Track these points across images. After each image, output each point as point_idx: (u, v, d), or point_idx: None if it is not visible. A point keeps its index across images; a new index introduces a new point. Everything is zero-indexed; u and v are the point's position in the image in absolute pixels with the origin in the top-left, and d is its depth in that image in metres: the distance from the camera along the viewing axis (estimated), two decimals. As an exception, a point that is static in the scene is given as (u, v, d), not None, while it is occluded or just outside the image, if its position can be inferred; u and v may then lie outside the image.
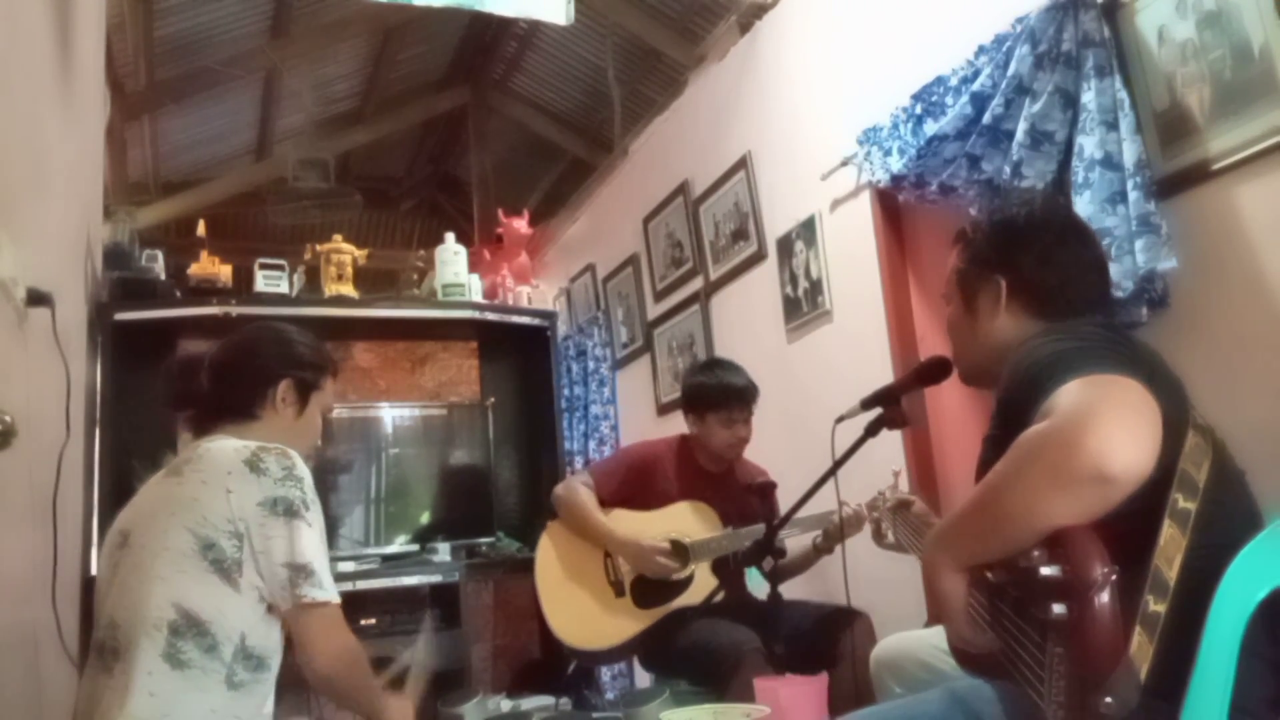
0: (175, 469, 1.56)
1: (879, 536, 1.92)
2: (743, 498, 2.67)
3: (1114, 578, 0.93)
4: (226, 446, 1.55)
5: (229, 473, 1.49)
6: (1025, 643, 1.05)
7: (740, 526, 2.57)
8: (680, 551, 2.55)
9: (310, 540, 1.50)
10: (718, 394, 2.65)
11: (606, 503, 2.65)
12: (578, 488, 2.66)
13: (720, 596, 2.48)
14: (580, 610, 2.56)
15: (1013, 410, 1.13)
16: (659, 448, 2.78)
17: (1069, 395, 1.01)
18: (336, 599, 1.52)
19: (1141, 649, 0.94)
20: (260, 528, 1.47)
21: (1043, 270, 1.33)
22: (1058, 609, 0.96)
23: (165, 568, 1.45)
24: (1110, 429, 0.95)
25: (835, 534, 2.44)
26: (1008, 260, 1.36)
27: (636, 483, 2.67)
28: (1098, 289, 1.35)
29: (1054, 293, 1.32)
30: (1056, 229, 1.35)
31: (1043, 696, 0.98)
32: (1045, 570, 0.98)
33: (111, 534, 1.59)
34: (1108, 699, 0.90)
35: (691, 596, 2.51)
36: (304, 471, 1.55)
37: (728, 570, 2.58)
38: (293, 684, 1.56)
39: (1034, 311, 1.33)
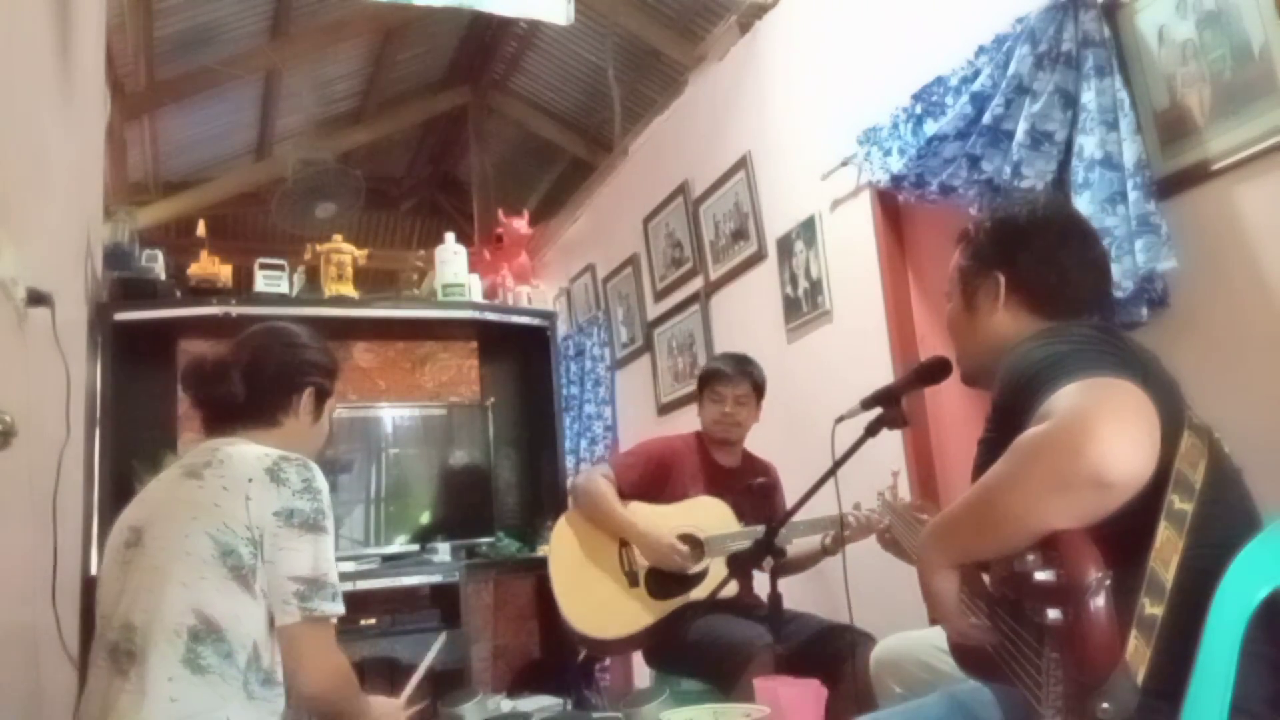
0: (194, 470, 1.54)
1: (884, 539, 1.91)
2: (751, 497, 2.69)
3: (1108, 582, 0.93)
4: (248, 452, 1.54)
5: (250, 480, 1.49)
6: (1022, 647, 1.05)
7: (754, 522, 2.58)
8: (695, 545, 2.56)
9: (323, 553, 1.50)
10: (707, 369, 2.80)
11: (625, 495, 2.66)
12: (597, 478, 2.67)
13: (732, 591, 2.48)
14: (594, 598, 2.57)
15: (1008, 413, 1.12)
16: (677, 443, 2.80)
17: (1067, 398, 1.00)
18: (343, 610, 1.52)
19: (1138, 652, 0.94)
20: (273, 538, 1.47)
21: (1042, 269, 1.32)
22: (1053, 614, 0.96)
23: (185, 572, 1.44)
24: (1110, 434, 0.94)
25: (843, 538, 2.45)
26: (1007, 258, 1.36)
27: (656, 476, 2.69)
28: (1097, 289, 1.35)
29: (1052, 292, 1.32)
30: (1057, 228, 1.35)
31: (1041, 701, 0.98)
32: (1040, 575, 0.98)
33: (120, 529, 1.57)
34: (1105, 704, 0.90)
35: (705, 591, 2.52)
36: (323, 484, 1.55)
37: (739, 567, 2.58)
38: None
39: (1032, 310, 1.33)
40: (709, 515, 2.60)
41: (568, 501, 2.79)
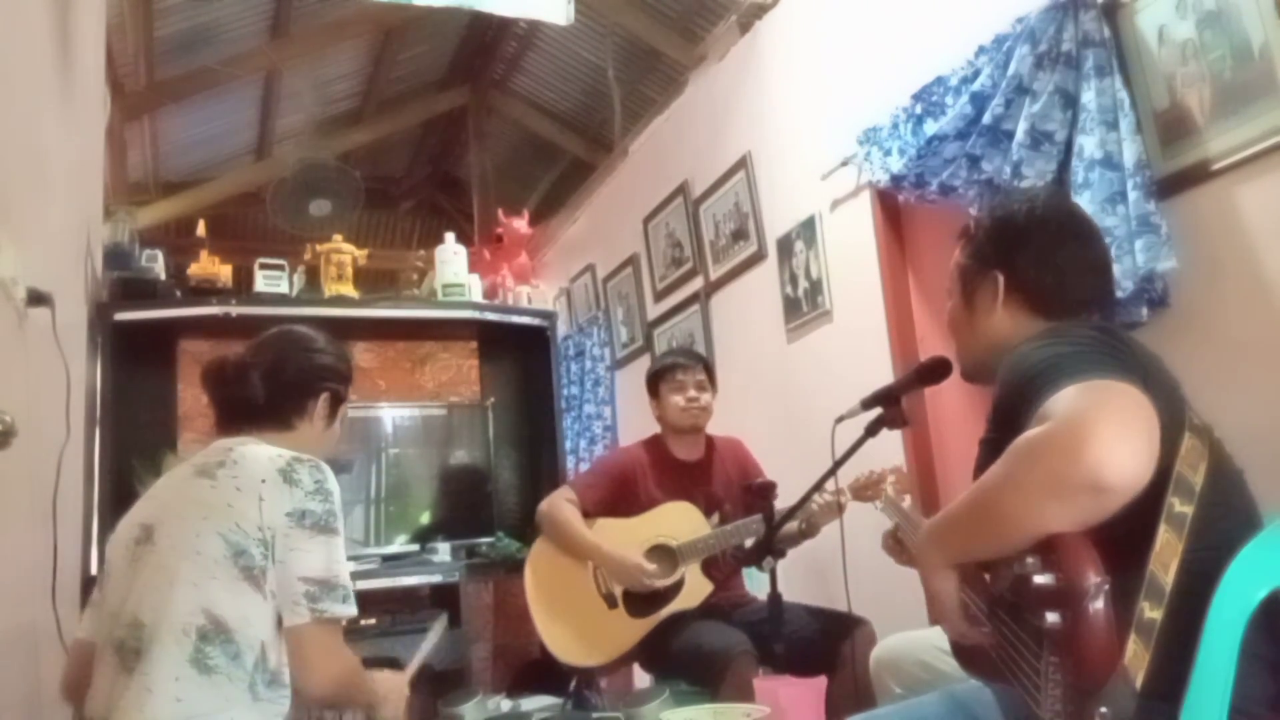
0: (206, 470, 1.54)
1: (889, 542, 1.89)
2: (728, 481, 2.68)
3: (1107, 587, 0.93)
4: (261, 453, 1.55)
5: (263, 480, 1.49)
6: (1022, 649, 1.05)
7: (725, 510, 2.59)
8: (668, 555, 2.55)
9: (334, 555, 1.51)
10: (659, 365, 2.78)
11: (591, 513, 2.64)
12: (561, 504, 2.65)
13: (707, 589, 2.48)
14: (575, 627, 2.56)
15: (1008, 414, 1.12)
16: (633, 451, 2.79)
17: (1066, 401, 1.00)
18: (354, 612, 1.52)
19: (1137, 657, 0.93)
20: (285, 539, 1.47)
21: (1040, 269, 1.32)
22: (1052, 618, 0.96)
23: (195, 572, 1.44)
24: (1108, 438, 0.94)
25: (819, 519, 2.46)
26: (1006, 257, 1.35)
27: (618, 490, 2.67)
28: (1097, 289, 1.34)
29: (1051, 292, 1.32)
30: (1056, 227, 1.34)
31: (1039, 704, 0.98)
32: (1039, 579, 0.98)
33: (129, 526, 1.57)
34: (1103, 709, 0.90)
35: (684, 600, 2.51)
36: (334, 486, 1.55)
37: (719, 569, 2.58)
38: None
39: (1031, 309, 1.33)
40: (679, 521, 2.58)
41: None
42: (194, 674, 1.40)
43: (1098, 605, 0.92)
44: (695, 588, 2.52)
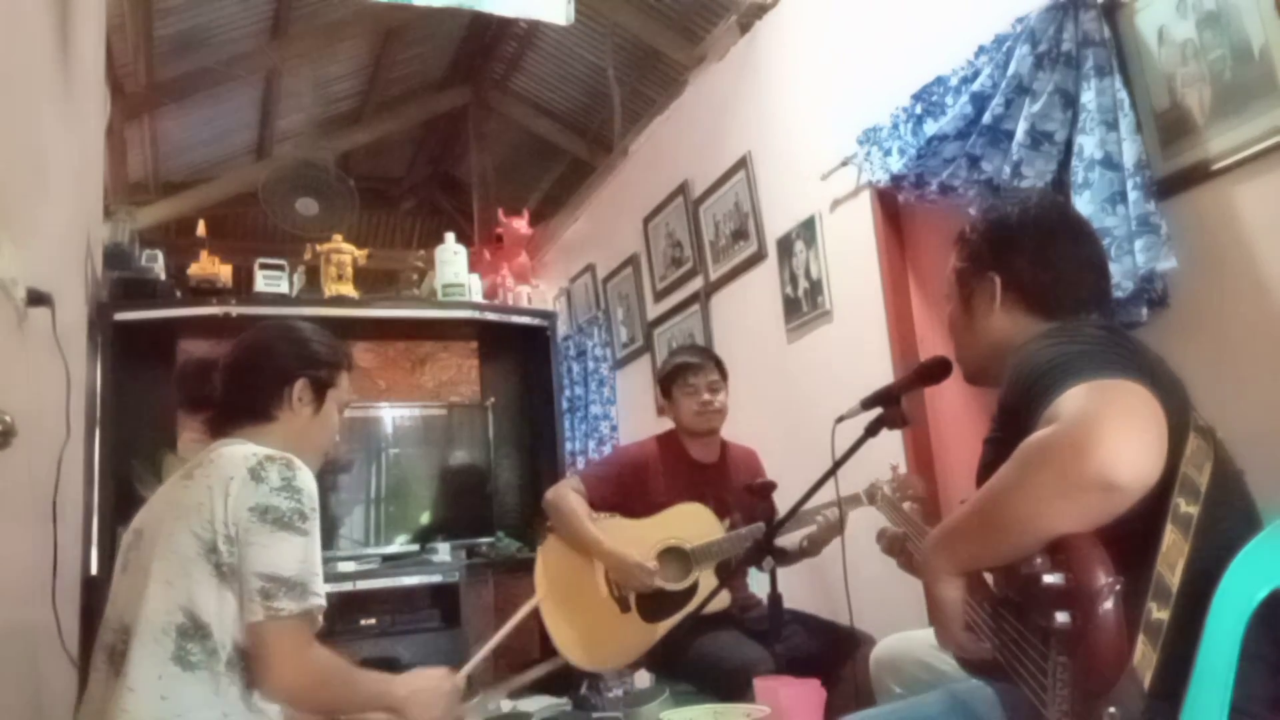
0: (188, 472, 1.55)
1: (893, 547, 1.89)
2: (739, 487, 2.65)
3: (1117, 587, 0.93)
4: (236, 453, 1.54)
5: (231, 478, 1.48)
6: (1028, 650, 1.05)
7: (734, 519, 2.55)
8: (681, 558, 2.51)
9: (294, 552, 1.45)
10: (669, 366, 2.74)
11: (598, 507, 2.58)
12: (567, 493, 2.59)
13: (725, 602, 2.42)
14: (588, 631, 2.49)
15: (1014, 413, 1.12)
16: (647, 447, 2.74)
17: (1074, 401, 1.00)
18: (312, 605, 1.45)
19: (1145, 657, 0.93)
20: (245, 533, 1.45)
21: (1035, 268, 1.33)
22: (1061, 618, 0.95)
23: (171, 571, 1.44)
24: (1118, 437, 0.94)
25: (821, 538, 2.42)
26: (1001, 258, 1.36)
27: (629, 485, 2.62)
28: (1093, 287, 1.35)
29: (1047, 291, 1.32)
30: (1049, 227, 1.35)
31: (1046, 705, 0.98)
32: (1048, 578, 0.98)
33: (127, 533, 1.59)
34: (1112, 709, 0.90)
35: (698, 604, 2.48)
36: (305, 483, 1.50)
37: (730, 573, 2.56)
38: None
39: (1029, 309, 1.33)
40: (691, 524, 2.53)
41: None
42: (178, 671, 1.39)
43: (1108, 606, 0.92)
44: (708, 591, 2.48)
